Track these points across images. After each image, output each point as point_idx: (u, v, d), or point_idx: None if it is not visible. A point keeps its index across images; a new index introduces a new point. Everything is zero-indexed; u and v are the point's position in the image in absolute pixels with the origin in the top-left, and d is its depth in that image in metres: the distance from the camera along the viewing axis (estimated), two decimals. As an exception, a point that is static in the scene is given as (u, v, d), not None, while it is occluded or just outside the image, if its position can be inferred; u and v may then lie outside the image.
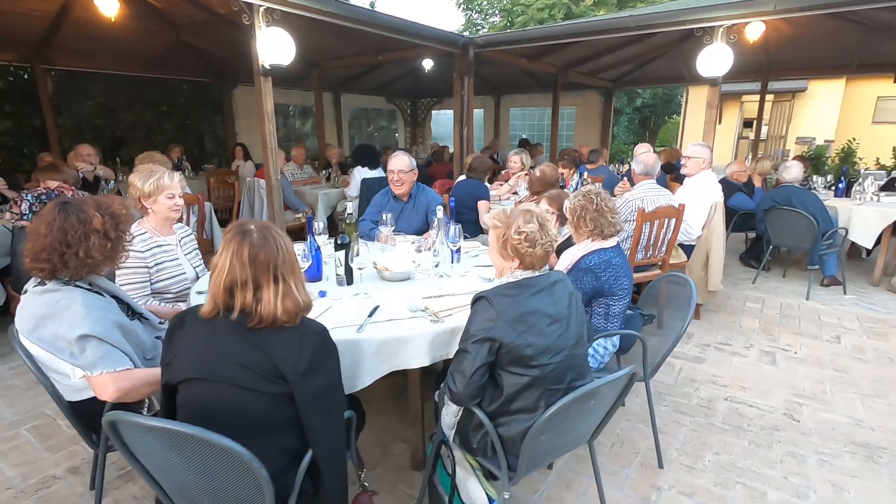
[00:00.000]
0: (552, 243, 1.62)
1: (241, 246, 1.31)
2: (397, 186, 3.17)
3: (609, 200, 2.21)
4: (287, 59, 3.71)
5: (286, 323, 1.30)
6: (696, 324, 3.96)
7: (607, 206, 2.17)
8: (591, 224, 2.16)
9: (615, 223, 2.19)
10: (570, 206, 2.25)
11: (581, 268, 2.13)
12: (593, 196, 2.20)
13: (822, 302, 4.48)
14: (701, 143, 3.91)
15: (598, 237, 2.19)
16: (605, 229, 2.16)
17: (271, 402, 1.30)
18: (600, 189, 2.26)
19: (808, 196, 4.50)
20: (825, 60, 7.96)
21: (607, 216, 2.16)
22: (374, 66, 9.52)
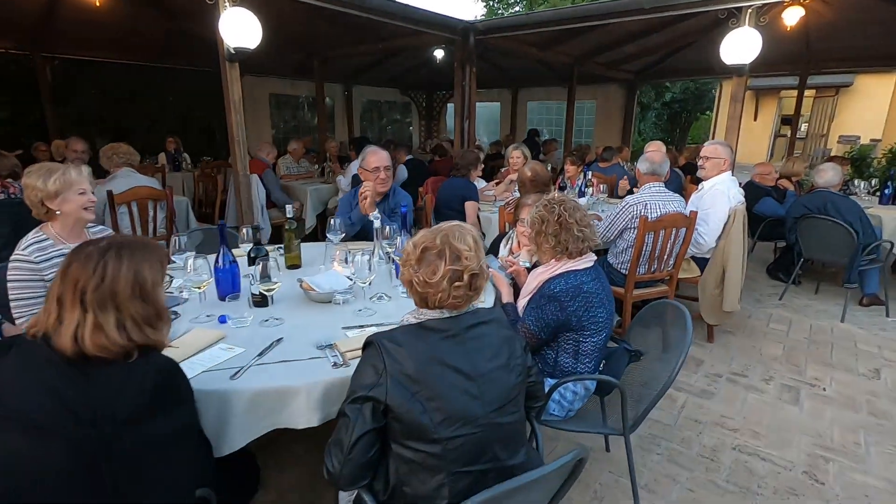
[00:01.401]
0: (476, 276, 1.21)
1: (71, 255, 1.09)
2: (382, 185, 2.79)
3: (577, 210, 1.78)
4: (252, 43, 3.37)
5: (108, 357, 1.03)
6: (707, 348, 3.47)
7: (573, 219, 1.74)
8: (552, 240, 1.73)
9: (586, 238, 1.76)
10: (529, 219, 1.83)
11: (544, 294, 1.72)
12: (555, 205, 1.77)
13: (860, 325, 3.90)
14: (721, 141, 3.39)
15: (564, 256, 1.76)
16: (569, 246, 1.73)
17: (69, 451, 0.99)
18: (566, 197, 1.83)
19: (846, 203, 3.91)
20: (874, 50, 7.18)
21: (573, 230, 1.73)
22: (385, 57, 9.19)
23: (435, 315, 1.21)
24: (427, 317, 1.21)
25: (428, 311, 1.22)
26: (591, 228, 1.76)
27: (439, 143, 9.22)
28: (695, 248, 3.39)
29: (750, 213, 4.92)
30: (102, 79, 8.03)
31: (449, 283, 1.18)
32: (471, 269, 1.20)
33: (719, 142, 3.37)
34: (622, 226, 3.09)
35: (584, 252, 1.75)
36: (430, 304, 1.22)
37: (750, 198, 4.86)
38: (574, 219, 1.73)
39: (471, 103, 5.53)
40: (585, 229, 1.75)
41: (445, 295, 1.18)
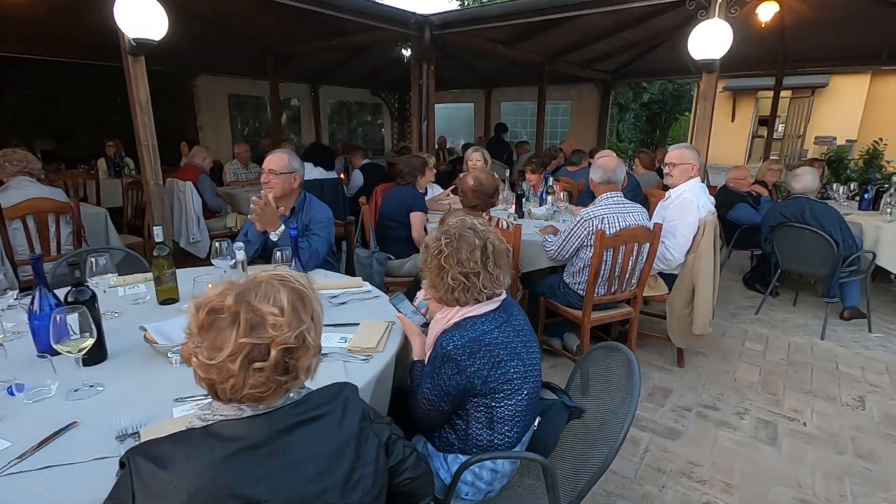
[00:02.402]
0: (291, 351, 0.82)
1: None
2: (268, 190, 2.37)
3: (471, 249, 1.34)
4: (157, 34, 2.93)
5: None
6: (677, 374, 3.12)
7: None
8: (452, 282, 1.33)
9: (476, 288, 1.35)
10: (422, 253, 1.43)
11: (438, 352, 1.32)
12: (456, 232, 1.37)
13: (842, 342, 3.60)
14: (688, 144, 3.04)
15: (472, 301, 1.37)
16: (455, 293, 1.34)
17: None
18: (476, 222, 1.43)
19: (825, 211, 3.61)
20: (850, 50, 6.99)
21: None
22: (352, 56, 8.78)
23: (229, 413, 0.81)
24: (219, 416, 0.81)
25: (221, 407, 0.82)
26: (493, 272, 1.34)
27: (405, 145, 8.83)
28: (661, 264, 3.05)
29: (724, 220, 4.63)
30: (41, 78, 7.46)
31: (243, 365, 0.78)
32: (281, 341, 0.80)
33: (686, 145, 3.02)
34: (577, 243, 2.72)
35: (482, 298, 1.36)
36: (221, 395, 0.81)
37: (724, 204, 4.55)
38: (457, 259, 1.33)
39: (429, 103, 5.14)
40: (474, 277, 1.32)
41: (238, 382, 0.78)
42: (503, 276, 1.39)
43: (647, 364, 3.25)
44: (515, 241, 2.65)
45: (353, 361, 1.43)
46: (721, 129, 17.06)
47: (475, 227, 1.39)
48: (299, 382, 0.88)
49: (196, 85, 8.63)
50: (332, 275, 2.30)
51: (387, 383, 1.46)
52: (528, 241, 3.08)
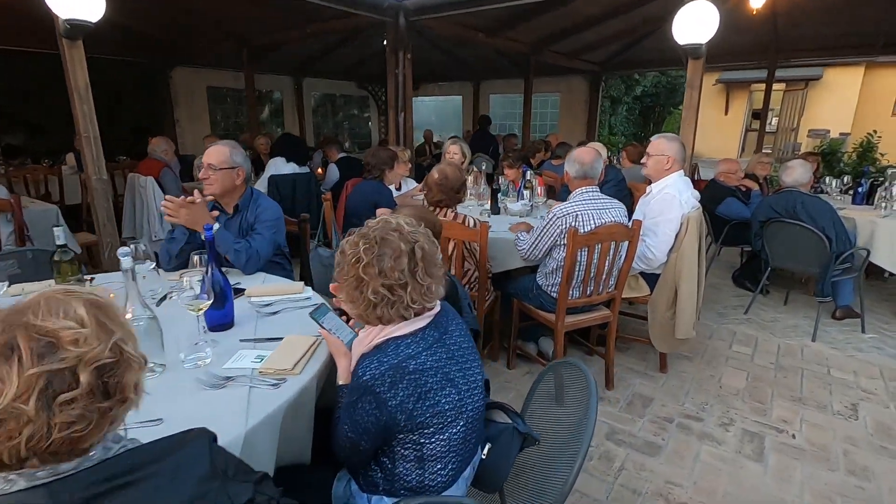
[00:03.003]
0: (109, 368, 0.61)
1: None
2: (208, 187, 2.15)
3: (395, 256, 1.12)
4: (94, 15, 2.68)
5: None
6: (659, 381, 2.93)
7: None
8: (372, 296, 1.12)
9: (430, 289, 1.15)
10: (337, 260, 1.20)
11: (354, 384, 1.10)
12: (377, 235, 1.15)
13: (834, 344, 3.42)
14: (669, 134, 2.83)
15: (397, 319, 1.15)
16: (378, 309, 1.12)
17: None
18: (403, 221, 1.21)
19: (818, 205, 3.42)
20: (844, 39, 6.78)
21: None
22: (336, 46, 8.51)
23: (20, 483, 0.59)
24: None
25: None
26: (423, 283, 1.12)
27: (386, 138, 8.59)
28: (642, 264, 2.84)
29: (713, 215, 4.43)
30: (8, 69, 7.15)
31: (41, 404, 0.56)
32: (91, 357, 0.59)
33: (668, 136, 2.81)
34: (549, 242, 2.51)
35: (410, 315, 1.14)
36: (8, 458, 0.60)
37: (712, 198, 4.36)
38: (379, 268, 1.11)
39: (406, 94, 4.91)
40: (400, 290, 1.11)
41: (39, 430, 0.57)
42: (435, 286, 1.18)
43: (628, 370, 3.05)
44: (482, 240, 2.43)
45: (259, 387, 1.21)
46: (714, 123, 16.90)
47: (401, 229, 1.17)
48: (128, 406, 0.67)
49: (172, 77, 8.34)
50: (272, 279, 2.08)
51: (304, 412, 1.25)
52: (500, 239, 2.87)
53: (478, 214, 3.38)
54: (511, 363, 3.03)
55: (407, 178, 4.09)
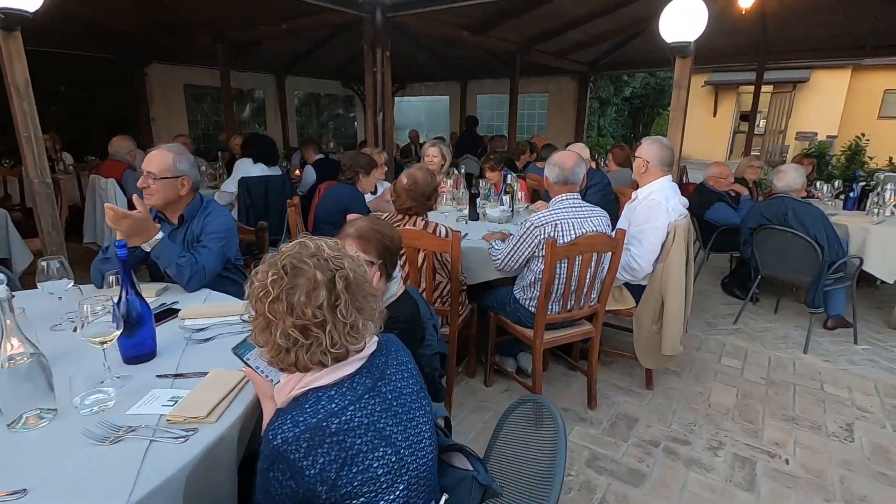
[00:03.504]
0: None
1: None
2: (147, 198, 1.93)
3: (341, 268, 0.96)
4: (31, 4, 2.44)
5: None
6: (645, 398, 2.76)
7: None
8: (282, 340, 0.92)
9: (357, 326, 0.96)
10: (246, 292, 1.00)
11: (266, 451, 0.90)
12: (289, 264, 0.94)
13: (826, 357, 3.28)
14: (654, 137, 2.66)
15: (315, 366, 0.95)
16: (291, 353, 0.93)
17: None
18: (325, 243, 1.01)
19: (810, 212, 3.28)
20: (833, 40, 6.70)
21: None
22: (319, 45, 8.30)
23: None
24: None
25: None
26: (347, 320, 0.93)
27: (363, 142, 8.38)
28: (627, 275, 2.67)
29: (701, 220, 4.29)
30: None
31: None
32: None
33: (652, 138, 2.64)
34: (526, 253, 2.33)
35: (328, 361, 0.94)
36: None
37: (701, 203, 4.22)
38: (289, 304, 0.91)
39: (385, 93, 4.71)
40: (317, 330, 0.91)
41: None
42: (365, 322, 0.98)
43: (612, 386, 2.88)
44: (453, 252, 2.24)
45: (162, 440, 1.01)
46: (703, 125, 16.90)
47: (320, 253, 0.97)
48: None
49: (148, 74, 8.06)
50: (217, 296, 1.87)
51: (222, 469, 1.05)
52: (475, 248, 2.69)
53: (454, 221, 3.20)
54: (488, 380, 2.85)
55: (383, 181, 3.89)
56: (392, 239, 1.63)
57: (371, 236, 1.57)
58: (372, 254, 1.55)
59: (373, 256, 1.55)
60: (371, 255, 1.55)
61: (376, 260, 1.55)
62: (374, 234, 1.57)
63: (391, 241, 1.62)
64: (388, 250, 1.59)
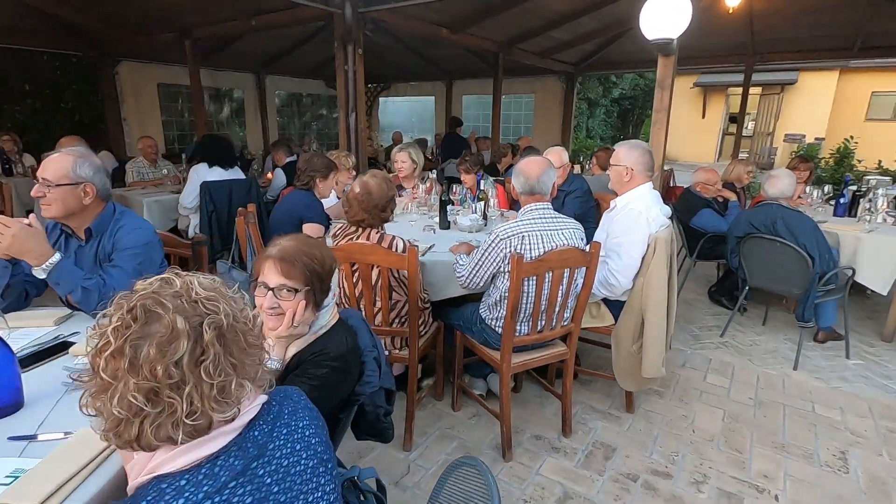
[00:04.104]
0: None
1: None
2: (44, 209, 1.68)
3: (215, 311, 0.74)
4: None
5: None
6: (624, 423, 2.55)
7: (140, 362, 0.68)
8: (119, 410, 0.67)
9: (227, 390, 0.73)
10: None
11: None
12: (139, 305, 0.71)
13: (817, 373, 3.10)
14: (631, 141, 2.45)
15: (164, 444, 0.72)
16: (134, 427, 0.69)
17: None
18: (198, 281, 0.78)
19: (800, 221, 3.09)
20: (821, 41, 6.57)
21: (206, 371, 0.70)
22: (301, 42, 8.04)
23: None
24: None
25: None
26: (213, 380, 0.69)
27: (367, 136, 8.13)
28: (605, 290, 2.46)
29: (688, 227, 4.10)
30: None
31: None
32: None
33: (630, 143, 2.43)
34: (491, 269, 2.11)
35: (176, 435, 0.71)
36: None
37: (686, 209, 4.04)
38: (132, 360, 0.68)
39: (358, 93, 4.47)
40: (171, 394, 0.69)
41: None
42: (240, 382, 0.75)
43: (590, 409, 2.67)
44: (410, 268, 2.02)
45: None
46: (692, 126, 16.84)
47: (187, 293, 0.75)
48: None
49: (118, 72, 7.73)
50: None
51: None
52: (441, 261, 2.46)
53: (420, 230, 2.97)
54: (456, 404, 2.62)
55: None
56: (323, 261, 1.39)
57: (296, 258, 1.34)
58: (296, 279, 1.32)
59: (297, 282, 1.32)
60: (295, 281, 1.32)
61: (301, 286, 1.33)
62: (300, 256, 1.34)
63: (321, 263, 1.38)
64: (316, 275, 1.36)
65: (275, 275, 1.31)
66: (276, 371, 1.34)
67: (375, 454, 2.26)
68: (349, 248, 2.07)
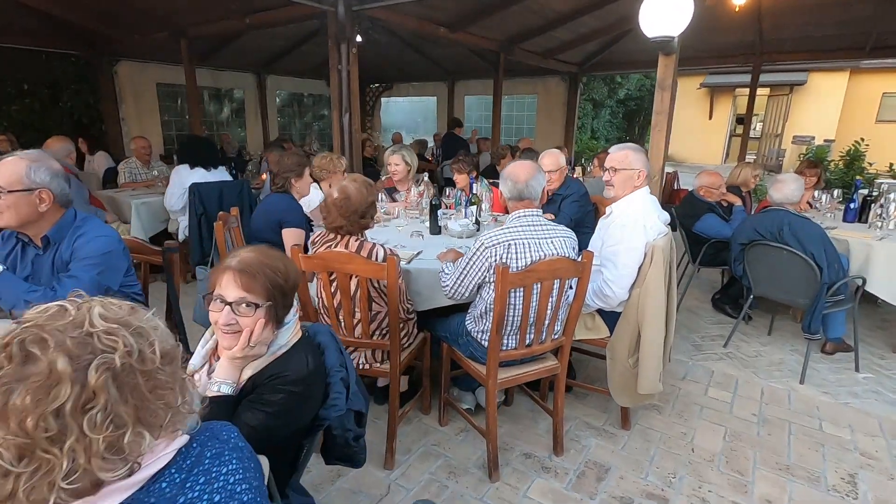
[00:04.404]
0: None
1: None
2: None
3: (109, 346, 0.63)
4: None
5: None
6: (619, 441, 2.42)
7: (86, 389, 0.59)
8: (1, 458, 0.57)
9: (117, 447, 0.61)
10: None
11: None
12: (20, 339, 0.61)
13: (825, 388, 2.95)
14: (634, 146, 2.32)
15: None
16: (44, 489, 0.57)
17: None
18: (98, 312, 0.67)
19: (808, 228, 2.95)
20: (831, 41, 6.39)
21: (92, 422, 0.59)
22: (301, 42, 7.98)
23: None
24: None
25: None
26: (101, 434, 0.57)
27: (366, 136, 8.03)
28: (599, 301, 2.34)
29: (690, 232, 3.96)
30: None
31: None
32: None
33: (632, 146, 2.30)
34: (476, 279, 1.99)
35: (78, 493, 0.59)
36: None
37: (689, 213, 3.90)
38: (8, 407, 0.57)
39: (352, 92, 4.36)
40: (46, 451, 0.57)
41: None
42: (139, 433, 0.64)
43: (584, 425, 2.54)
44: (389, 278, 1.90)
45: None
46: (698, 128, 16.62)
47: (81, 324, 0.64)
48: None
49: (117, 72, 7.68)
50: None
51: None
52: (427, 269, 2.35)
53: (408, 236, 2.86)
54: (443, 419, 2.51)
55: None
56: (287, 275, 1.28)
57: (257, 270, 1.23)
58: (257, 293, 1.21)
59: (258, 296, 1.21)
60: (256, 296, 1.21)
61: (263, 301, 1.22)
62: (262, 269, 1.23)
63: (285, 277, 1.27)
64: (279, 289, 1.25)
65: (234, 288, 1.20)
66: (228, 397, 1.23)
67: (355, 472, 2.14)
68: (326, 256, 1.96)
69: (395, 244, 2.71)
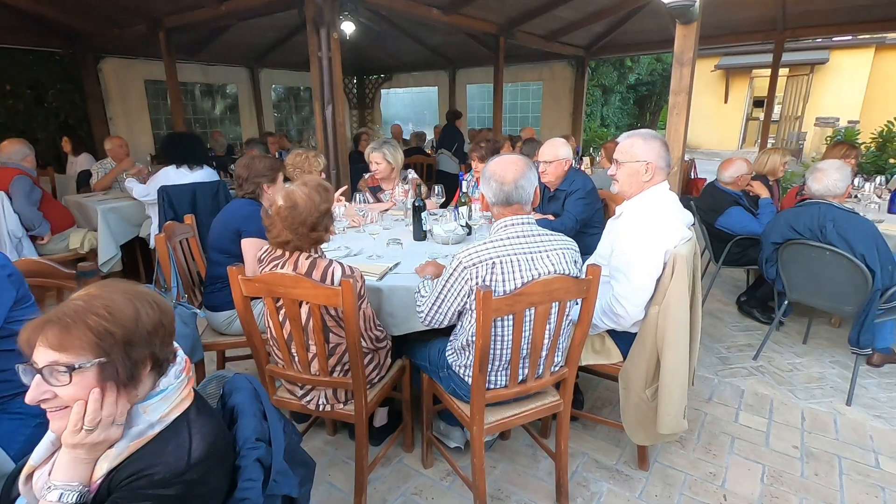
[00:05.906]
0: None
1: None
2: None
3: None
4: None
5: None
6: (634, 485, 2.03)
7: None
8: None
9: None
10: None
11: None
12: None
13: (876, 408, 2.53)
14: (644, 131, 1.90)
15: None
16: None
17: None
18: None
19: (856, 224, 2.50)
20: (859, 12, 5.82)
21: None
22: (292, 33, 7.60)
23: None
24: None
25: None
26: None
27: (362, 131, 7.66)
28: (609, 322, 1.94)
29: (712, 228, 3.53)
30: None
31: None
32: None
33: (643, 133, 1.88)
34: (455, 304, 1.60)
35: None
36: None
37: (712, 207, 3.47)
38: None
39: (334, 82, 3.98)
40: None
41: None
42: None
43: (593, 464, 2.16)
44: (346, 305, 1.53)
45: None
46: (713, 112, 15.94)
47: None
48: None
49: (102, 69, 7.38)
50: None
51: None
52: (405, 286, 1.97)
53: (384, 244, 2.47)
54: (427, 459, 2.14)
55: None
56: (123, 318, 0.89)
57: (76, 318, 0.84)
58: (75, 350, 0.84)
59: (77, 354, 0.84)
60: (74, 353, 0.83)
61: (90, 358, 0.84)
62: (85, 315, 0.85)
63: (125, 321, 0.88)
64: (112, 339, 0.85)
65: (43, 349, 0.83)
66: (74, 505, 0.86)
67: (317, 534, 1.79)
68: (267, 279, 1.59)
69: (370, 255, 2.33)
